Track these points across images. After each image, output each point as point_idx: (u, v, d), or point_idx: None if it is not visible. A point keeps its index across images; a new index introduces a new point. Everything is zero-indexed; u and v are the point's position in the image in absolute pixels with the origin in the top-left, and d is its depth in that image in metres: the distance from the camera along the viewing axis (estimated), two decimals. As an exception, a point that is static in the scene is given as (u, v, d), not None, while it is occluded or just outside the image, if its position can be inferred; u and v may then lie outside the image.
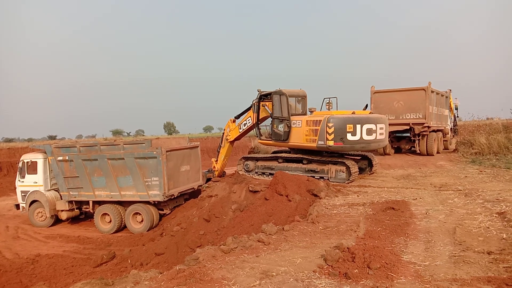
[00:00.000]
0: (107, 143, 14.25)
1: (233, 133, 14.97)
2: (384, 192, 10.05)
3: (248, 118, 14.20)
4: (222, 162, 15.70)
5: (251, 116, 14.06)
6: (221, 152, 15.63)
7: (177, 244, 10.66)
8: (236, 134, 14.88)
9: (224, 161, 15.76)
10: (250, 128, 14.39)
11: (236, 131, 14.84)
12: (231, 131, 15.06)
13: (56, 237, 13.43)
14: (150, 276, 4.76)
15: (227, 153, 15.65)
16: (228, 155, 15.83)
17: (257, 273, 4.58)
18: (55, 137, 76.54)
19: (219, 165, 15.73)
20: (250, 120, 14.12)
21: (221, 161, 15.67)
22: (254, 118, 13.83)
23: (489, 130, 19.91)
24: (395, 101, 17.79)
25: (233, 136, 15.03)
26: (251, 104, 13.94)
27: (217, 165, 15.76)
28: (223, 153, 15.57)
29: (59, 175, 14.01)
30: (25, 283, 9.60)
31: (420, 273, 4.38)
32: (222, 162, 15.69)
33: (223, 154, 15.58)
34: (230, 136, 15.12)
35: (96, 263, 10.41)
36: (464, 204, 7.98)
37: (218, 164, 15.75)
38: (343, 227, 6.66)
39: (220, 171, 15.90)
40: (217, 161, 15.82)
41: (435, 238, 5.77)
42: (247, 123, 14.30)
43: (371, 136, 11.69)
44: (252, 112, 13.90)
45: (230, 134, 15.10)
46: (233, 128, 14.99)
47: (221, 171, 15.95)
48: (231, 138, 15.13)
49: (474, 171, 12.68)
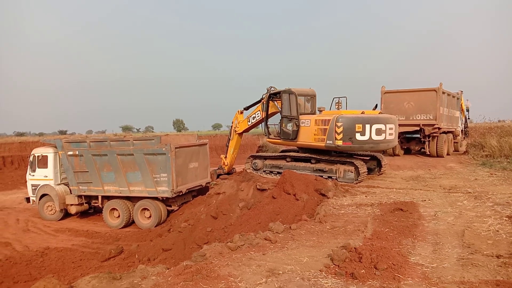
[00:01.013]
0: (117, 138, 14.37)
1: (242, 125, 14.95)
2: (392, 193, 9.99)
3: (258, 112, 14.18)
4: (231, 156, 15.60)
5: (260, 110, 14.06)
6: (230, 145, 15.54)
7: (184, 240, 10.71)
8: (245, 127, 14.88)
9: (234, 154, 15.64)
10: (259, 121, 14.35)
11: (245, 124, 14.83)
12: (239, 123, 15.03)
13: (65, 230, 13.59)
14: (157, 271, 4.79)
15: (236, 145, 15.60)
16: (237, 147, 15.77)
17: (264, 271, 4.59)
18: (66, 131, 77.33)
19: (228, 159, 15.63)
20: (259, 114, 14.10)
21: (231, 154, 15.58)
22: (262, 114, 13.83)
23: (501, 132, 19.68)
24: (405, 102, 17.65)
25: (241, 128, 15.02)
26: (261, 97, 13.94)
27: (227, 159, 15.65)
28: (232, 146, 15.50)
29: (69, 170, 14.16)
30: (34, 275, 9.73)
31: (427, 275, 4.36)
32: (231, 155, 15.60)
33: (232, 147, 15.51)
34: (238, 128, 15.10)
35: (104, 257, 10.52)
36: (474, 207, 7.90)
37: (228, 158, 15.64)
38: (351, 227, 6.63)
39: (230, 166, 15.80)
40: (226, 156, 15.75)
41: (443, 240, 5.73)
42: (256, 117, 14.28)
43: (380, 136, 11.62)
44: (261, 110, 13.90)
45: (238, 126, 15.07)
46: (241, 120, 14.98)
47: (231, 166, 15.84)
48: (240, 130, 15.11)
49: (484, 174, 12.54)
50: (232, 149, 15.54)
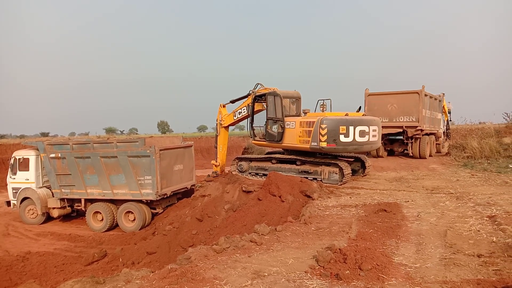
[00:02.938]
0: (100, 141, 14.21)
1: (228, 118, 14.91)
2: (376, 194, 10.11)
3: (244, 108, 14.17)
4: (222, 153, 15.35)
5: (246, 107, 14.06)
6: (219, 142, 15.34)
7: (169, 243, 10.63)
8: (231, 121, 14.85)
9: (224, 150, 15.39)
10: (244, 117, 14.31)
11: (230, 118, 14.79)
12: (225, 117, 14.99)
13: (47, 234, 13.34)
14: (142, 275, 4.75)
15: (225, 140, 15.45)
16: (226, 142, 15.60)
17: (249, 273, 4.58)
18: (48, 134, 76.03)
19: (220, 157, 15.36)
20: (245, 110, 14.11)
21: (221, 151, 15.35)
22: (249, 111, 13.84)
23: (481, 134, 20.06)
24: (389, 104, 17.87)
25: (227, 121, 14.98)
26: (248, 93, 13.98)
27: (219, 158, 15.38)
28: (221, 142, 15.32)
29: (51, 172, 13.92)
30: (14, 280, 9.51)
31: (410, 275, 4.42)
32: (222, 152, 15.35)
33: (221, 143, 15.32)
34: (224, 122, 15.04)
35: (87, 261, 10.36)
36: (456, 207, 8.04)
37: (219, 156, 15.38)
38: (335, 228, 6.68)
39: (223, 165, 15.46)
40: (216, 160, 15.45)
41: (426, 240, 5.82)
42: (242, 112, 14.26)
43: (364, 138, 11.75)
44: (247, 110, 13.91)
45: (224, 119, 15.02)
46: (226, 114, 14.96)
47: (223, 165, 15.50)
48: (226, 124, 15.06)
49: (466, 175, 12.79)
50: (221, 145, 15.35)
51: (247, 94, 14.08)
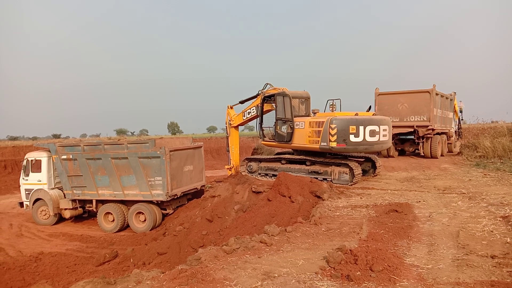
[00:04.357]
0: (111, 142, 14.31)
1: (237, 118, 14.97)
2: (387, 194, 10.02)
3: (253, 108, 14.18)
4: (234, 154, 15.37)
5: (255, 107, 14.07)
6: (230, 142, 15.37)
7: (179, 244, 10.67)
8: (240, 121, 14.92)
9: (236, 151, 15.42)
10: (253, 117, 14.33)
11: (240, 118, 14.85)
12: (234, 117, 15.06)
13: (59, 235, 13.49)
14: (152, 275, 4.76)
15: (236, 140, 15.48)
16: (238, 142, 15.62)
17: (259, 274, 4.57)
18: (60, 135, 76.88)
19: (233, 159, 15.36)
20: (254, 110, 14.12)
21: (233, 153, 15.36)
22: (258, 111, 13.84)
23: (494, 133, 19.77)
24: (399, 103, 17.75)
25: (236, 122, 15.04)
26: (257, 93, 13.99)
27: (232, 160, 15.39)
28: (232, 142, 15.36)
29: (63, 174, 14.08)
30: (28, 280, 9.64)
31: (422, 276, 4.36)
32: (234, 153, 15.36)
33: (233, 143, 15.36)
34: (234, 122, 15.11)
35: (98, 261, 10.45)
36: (468, 208, 7.93)
37: (232, 158, 15.39)
38: (346, 229, 6.64)
39: (237, 166, 15.35)
40: (230, 163, 15.47)
41: (438, 241, 5.75)
42: (252, 112, 14.28)
43: (374, 138, 11.66)
44: (256, 111, 13.91)
45: (234, 120, 15.08)
46: (235, 114, 15.03)
47: (237, 166, 15.36)
48: (235, 123, 15.13)
49: (478, 174, 12.61)
50: (233, 145, 15.39)
51: (256, 95, 14.08)
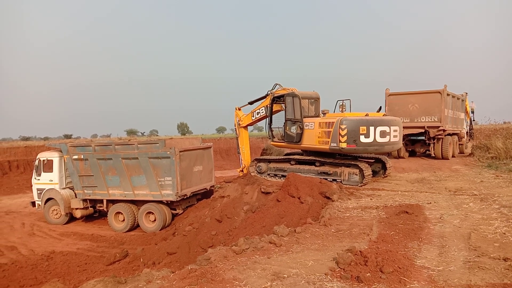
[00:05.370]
0: (121, 142, 14.43)
1: (246, 119, 14.99)
2: (398, 195, 9.94)
3: (262, 108, 14.19)
4: (245, 154, 15.37)
5: (264, 107, 14.07)
6: (240, 142, 15.39)
7: (189, 244, 10.71)
8: (249, 121, 14.93)
9: (247, 151, 15.43)
10: (262, 117, 14.33)
11: (248, 118, 14.85)
12: (243, 117, 15.08)
13: (71, 234, 13.63)
14: (162, 275, 4.79)
15: (246, 140, 15.50)
16: (248, 142, 15.64)
17: (269, 275, 4.57)
18: (71, 136, 77.71)
19: (245, 159, 15.35)
20: (263, 110, 14.12)
21: (244, 152, 15.37)
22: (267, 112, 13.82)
23: (506, 134, 19.49)
24: (410, 104, 17.60)
25: (246, 122, 15.06)
26: (266, 93, 13.99)
27: (243, 160, 15.39)
28: (242, 142, 15.37)
29: (74, 174, 14.23)
30: (39, 279, 9.76)
31: (433, 278, 4.33)
32: (245, 154, 15.36)
33: (243, 144, 15.37)
34: (242, 122, 15.13)
35: (109, 261, 10.54)
36: (480, 209, 7.84)
37: (244, 158, 15.39)
38: (356, 230, 6.60)
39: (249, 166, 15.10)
40: (242, 164, 15.48)
41: (449, 243, 5.69)
42: (261, 113, 14.28)
43: (384, 139, 11.58)
44: (265, 112, 13.91)
45: (242, 120, 15.10)
46: (243, 115, 15.06)
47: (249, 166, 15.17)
48: (244, 124, 15.14)
49: (490, 176, 12.45)
50: (243, 145, 15.40)
51: (265, 95, 14.07)
